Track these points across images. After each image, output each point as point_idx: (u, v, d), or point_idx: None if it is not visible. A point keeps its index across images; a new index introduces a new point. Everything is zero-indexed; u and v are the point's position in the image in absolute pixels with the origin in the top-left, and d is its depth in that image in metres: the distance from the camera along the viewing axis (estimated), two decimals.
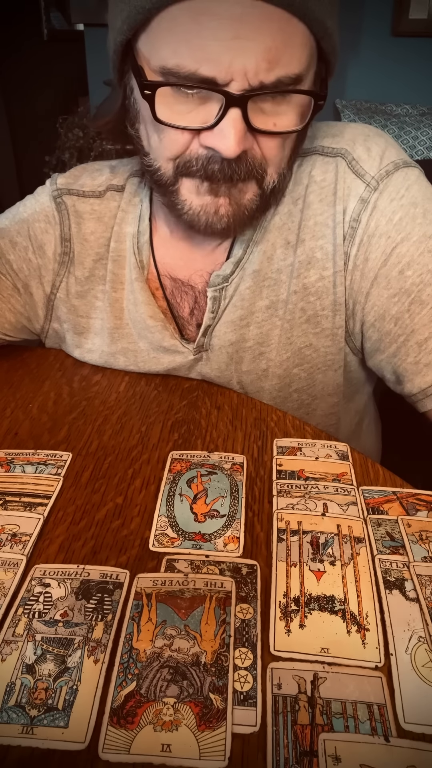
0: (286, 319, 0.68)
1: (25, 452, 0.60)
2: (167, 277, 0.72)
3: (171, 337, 0.71)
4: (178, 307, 0.72)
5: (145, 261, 0.72)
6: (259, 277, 0.67)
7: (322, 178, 0.65)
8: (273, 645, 0.41)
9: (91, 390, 0.73)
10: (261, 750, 0.36)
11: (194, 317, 0.72)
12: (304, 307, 0.67)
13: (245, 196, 0.59)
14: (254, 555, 0.49)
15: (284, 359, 0.70)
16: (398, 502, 0.54)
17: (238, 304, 0.68)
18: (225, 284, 0.68)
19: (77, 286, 0.75)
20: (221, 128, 0.52)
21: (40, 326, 0.79)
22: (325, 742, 0.35)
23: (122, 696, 0.38)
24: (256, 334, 0.69)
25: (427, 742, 0.36)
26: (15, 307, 0.76)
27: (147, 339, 0.72)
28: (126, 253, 0.72)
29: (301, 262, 0.66)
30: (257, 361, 0.70)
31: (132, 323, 0.73)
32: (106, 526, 0.52)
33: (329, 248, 0.65)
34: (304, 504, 0.54)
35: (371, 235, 0.63)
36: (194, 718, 0.37)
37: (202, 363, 0.72)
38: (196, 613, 0.43)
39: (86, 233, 0.73)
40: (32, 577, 0.46)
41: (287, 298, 0.68)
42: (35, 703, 0.38)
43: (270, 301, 0.68)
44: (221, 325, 0.70)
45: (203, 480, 0.57)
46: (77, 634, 0.42)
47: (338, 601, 0.44)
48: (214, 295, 0.68)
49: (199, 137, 0.55)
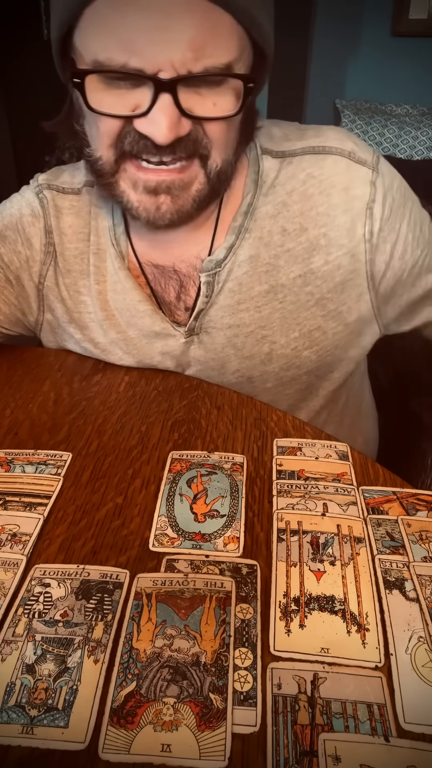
0: (289, 301, 0.71)
1: (25, 452, 0.60)
2: (148, 264, 0.73)
3: (162, 321, 0.73)
4: (163, 292, 0.74)
5: (124, 251, 0.74)
6: (256, 263, 0.70)
7: (320, 173, 0.68)
8: (273, 645, 0.41)
9: (91, 390, 0.73)
10: (261, 750, 0.36)
11: (182, 301, 0.74)
12: (312, 291, 0.70)
13: (192, 187, 0.61)
14: (254, 555, 0.49)
15: (291, 340, 0.72)
16: (398, 502, 0.54)
17: (236, 289, 0.71)
18: (218, 269, 0.70)
19: (62, 277, 0.77)
20: (153, 115, 0.54)
21: (34, 318, 0.81)
22: (325, 742, 0.35)
23: (122, 696, 0.38)
24: (256, 318, 0.71)
25: (427, 742, 0.36)
26: (9, 299, 0.78)
27: (136, 326, 0.74)
28: (105, 246, 0.74)
29: (304, 248, 0.69)
30: (260, 345, 0.72)
31: (119, 313, 0.75)
32: (106, 526, 0.52)
33: (332, 234, 0.68)
34: (304, 504, 0.54)
35: (391, 209, 0.69)
36: (194, 718, 0.37)
37: (194, 347, 0.74)
38: (196, 613, 0.43)
39: (64, 227, 0.76)
40: (32, 577, 0.46)
41: (288, 282, 0.70)
42: (35, 703, 0.38)
43: (270, 286, 0.70)
44: (216, 309, 0.71)
45: (203, 480, 0.57)
46: (77, 634, 0.42)
47: (338, 601, 0.44)
48: (207, 280, 0.70)
49: (134, 123, 0.56)
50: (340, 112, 2.48)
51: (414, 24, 2.38)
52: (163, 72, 0.52)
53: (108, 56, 0.52)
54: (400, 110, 2.48)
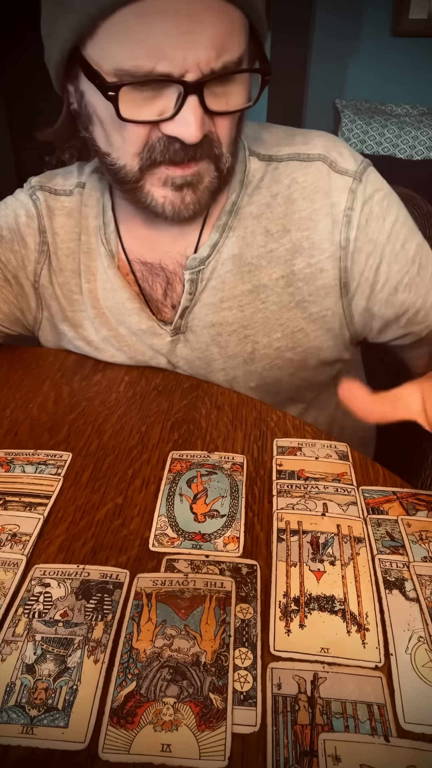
0: (271, 302, 0.71)
1: (25, 452, 0.60)
2: (137, 262, 0.75)
3: (148, 319, 0.74)
4: (150, 290, 0.75)
5: (114, 250, 0.75)
6: (239, 262, 0.71)
7: (304, 179, 0.69)
8: (273, 645, 0.41)
9: (91, 390, 0.73)
10: (261, 750, 0.36)
11: (168, 298, 0.74)
12: (293, 293, 0.71)
13: (205, 179, 0.63)
14: (254, 555, 0.49)
15: (273, 341, 0.73)
16: (398, 502, 0.54)
17: (219, 287, 0.71)
18: (202, 267, 0.71)
19: (56, 276, 0.78)
20: (182, 116, 0.55)
21: (33, 316, 0.82)
22: (325, 742, 0.35)
23: (122, 696, 0.38)
24: (239, 317, 0.72)
25: (427, 742, 0.36)
26: (8, 297, 0.79)
27: (125, 324, 0.75)
28: (96, 245, 0.76)
29: (287, 249, 0.70)
30: (243, 344, 0.73)
31: (109, 311, 0.76)
32: (106, 526, 0.52)
33: (315, 238, 0.69)
34: (304, 504, 0.54)
35: (368, 218, 0.69)
36: (194, 718, 0.37)
37: (180, 345, 0.75)
38: (196, 613, 0.43)
39: (56, 227, 0.77)
40: (32, 577, 0.46)
41: (271, 283, 0.71)
42: (35, 703, 0.38)
43: (252, 286, 0.71)
44: (200, 307, 0.72)
45: (203, 480, 0.57)
46: (77, 634, 0.42)
47: (338, 601, 0.44)
48: (191, 278, 0.71)
49: (160, 127, 0.57)
50: (340, 112, 2.48)
51: (414, 24, 2.38)
52: (189, 74, 0.53)
53: (135, 64, 0.53)
54: (400, 110, 2.48)
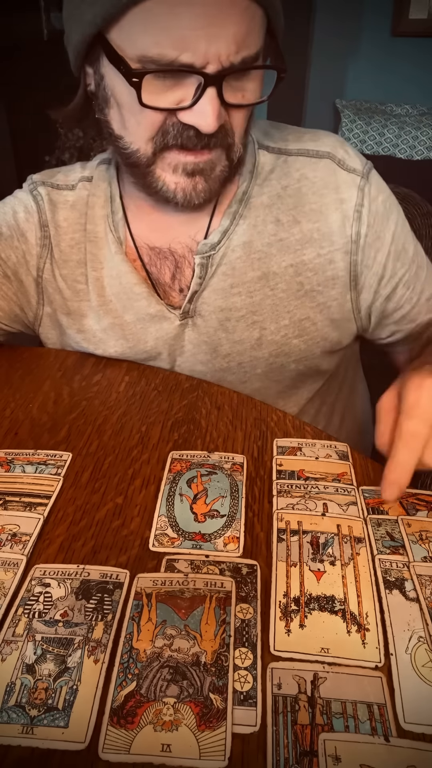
0: (280, 289, 0.73)
1: (25, 452, 0.60)
2: (145, 247, 0.75)
3: (157, 303, 0.75)
4: (158, 274, 0.76)
5: (122, 236, 0.76)
6: (249, 249, 0.72)
7: (314, 174, 0.72)
8: (273, 645, 0.41)
9: (91, 390, 0.73)
10: (261, 750, 0.36)
11: (177, 282, 0.75)
12: (302, 282, 0.73)
13: (217, 168, 0.64)
14: (254, 555, 0.49)
15: (281, 327, 0.74)
16: (398, 502, 0.54)
17: (229, 273, 0.73)
18: (212, 252, 0.72)
19: (59, 269, 0.79)
20: (200, 107, 0.57)
21: (33, 313, 0.82)
22: (325, 742, 0.35)
23: (122, 696, 0.38)
24: (247, 303, 0.73)
25: (427, 742, 0.36)
26: (7, 294, 0.79)
27: (133, 310, 0.76)
28: (103, 233, 0.77)
29: (297, 240, 0.72)
30: (250, 330, 0.74)
31: (115, 297, 0.76)
32: (106, 526, 0.52)
33: (325, 230, 0.72)
34: (304, 504, 0.54)
35: (375, 217, 0.72)
36: (194, 718, 0.37)
37: (189, 329, 0.75)
38: (196, 613, 0.43)
39: (59, 220, 0.78)
40: (32, 577, 0.46)
41: (280, 271, 0.72)
42: (35, 703, 0.38)
43: (262, 273, 0.72)
44: (209, 292, 0.73)
45: (203, 480, 0.57)
46: (77, 634, 0.42)
47: (338, 601, 0.44)
48: (201, 262, 0.72)
49: (177, 115, 0.59)
50: (340, 112, 2.47)
51: (414, 24, 2.38)
52: (210, 66, 0.55)
53: (160, 52, 0.55)
54: (400, 110, 2.48)
